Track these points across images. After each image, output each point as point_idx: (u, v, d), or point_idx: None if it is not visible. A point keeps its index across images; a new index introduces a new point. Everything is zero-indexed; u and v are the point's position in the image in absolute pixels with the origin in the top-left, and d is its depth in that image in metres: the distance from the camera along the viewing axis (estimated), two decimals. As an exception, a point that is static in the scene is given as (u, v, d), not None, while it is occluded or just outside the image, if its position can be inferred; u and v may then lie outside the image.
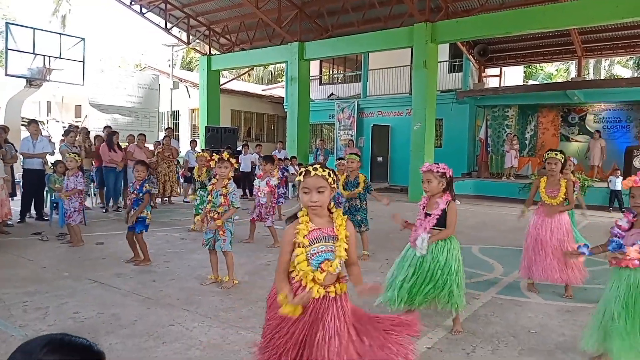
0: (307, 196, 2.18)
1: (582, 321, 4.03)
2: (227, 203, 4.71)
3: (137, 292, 4.52)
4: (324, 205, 2.20)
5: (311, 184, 2.17)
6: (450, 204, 3.62)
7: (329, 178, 2.19)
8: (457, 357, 3.27)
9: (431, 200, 3.72)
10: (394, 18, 14.46)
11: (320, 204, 2.18)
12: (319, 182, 2.17)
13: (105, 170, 9.74)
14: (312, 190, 2.17)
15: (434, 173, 3.64)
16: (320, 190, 2.17)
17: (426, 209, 3.72)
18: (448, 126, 16.93)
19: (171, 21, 18.01)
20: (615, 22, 12.29)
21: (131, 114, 16.61)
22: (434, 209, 3.64)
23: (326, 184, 2.18)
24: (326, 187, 2.18)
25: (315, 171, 2.18)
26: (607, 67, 26.50)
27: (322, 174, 2.17)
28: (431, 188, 3.65)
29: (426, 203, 3.76)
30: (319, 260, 2.18)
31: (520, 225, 9.01)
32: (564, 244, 4.71)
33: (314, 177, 2.17)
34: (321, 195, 2.17)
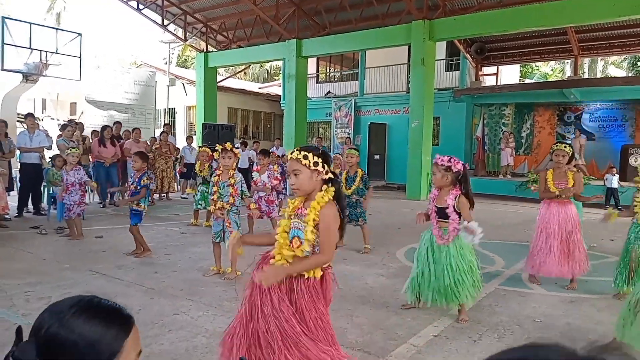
0: (290, 179, 2.23)
1: (585, 311, 4.05)
2: (235, 193, 4.70)
3: (139, 282, 4.50)
4: (303, 187, 2.20)
5: (289, 167, 2.23)
6: (460, 199, 3.61)
7: (305, 161, 2.17)
8: (463, 345, 3.27)
9: (441, 192, 3.72)
10: (391, 16, 14.48)
11: (297, 186, 2.20)
12: (293, 165, 2.20)
13: (96, 165, 9.71)
14: (291, 174, 2.20)
15: (438, 166, 3.66)
16: (296, 172, 2.19)
17: (435, 202, 3.73)
18: (445, 124, 16.96)
19: (168, 18, 17.94)
20: (612, 20, 12.35)
21: (127, 111, 16.51)
22: (443, 203, 3.65)
23: (300, 166, 2.17)
24: (301, 170, 2.17)
25: (291, 154, 2.21)
26: (601, 67, 26.64)
27: (297, 157, 2.18)
28: (435, 180, 3.69)
29: (436, 195, 3.77)
30: (293, 234, 2.22)
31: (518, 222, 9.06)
32: (572, 235, 4.73)
33: (290, 161, 2.22)
34: (297, 178, 2.18)
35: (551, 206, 4.84)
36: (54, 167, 8.01)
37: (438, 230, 3.70)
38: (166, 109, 21.88)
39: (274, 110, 23.20)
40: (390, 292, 4.41)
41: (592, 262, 5.87)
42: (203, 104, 18.38)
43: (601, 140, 15.90)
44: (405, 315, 3.81)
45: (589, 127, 16.21)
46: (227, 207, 4.71)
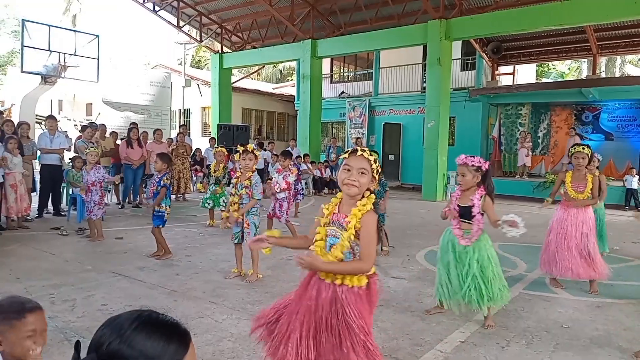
0: (346, 174, 2.12)
1: (613, 316, 3.98)
2: (250, 195, 4.70)
3: (162, 285, 4.51)
4: (361, 189, 2.12)
5: (354, 163, 2.12)
6: (486, 199, 3.57)
7: (374, 164, 2.14)
8: (492, 351, 3.23)
9: (465, 193, 3.67)
10: (407, 15, 14.41)
11: (357, 184, 2.10)
12: (362, 163, 2.12)
13: (124, 167, 9.78)
14: (353, 169, 2.11)
15: (468, 166, 3.60)
16: (362, 171, 2.11)
17: (458, 201, 3.69)
18: (461, 124, 16.81)
19: (183, 19, 18.06)
20: (632, 18, 12.15)
21: (144, 112, 16.65)
22: (468, 202, 3.60)
23: (369, 168, 2.12)
24: (368, 171, 2.12)
25: (362, 152, 2.15)
26: (619, 65, 26.24)
27: (368, 157, 2.13)
28: (465, 182, 3.62)
29: (459, 195, 3.72)
30: (331, 242, 2.17)
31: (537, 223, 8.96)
32: (587, 238, 4.66)
33: (359, 157, 2.13)
34: (361, 177, 2.11)
35: (569, 208, 4.77)
36: (74, 169, 8.10)
37: (459, 230, 3.66)
38: (181, 110, 22.01)
39: (288, 110, 23.23)
40: (413, 296, 4.38)
41: (615, 265, 5.79)
42: (218, 104, 18.49)
43: (620, 140, 15.65)
44: (430, 320, 3.77)
45: (607, 127, 15.97)
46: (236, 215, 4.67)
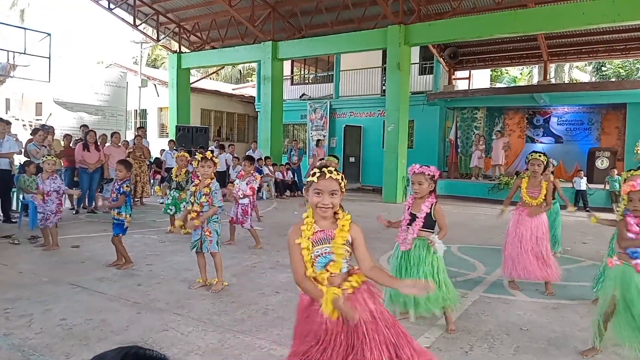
0: (318, 198, 2.13)
1: (568, 317, 4.17)
2: (210, 202, 4.64)
3: (123, 296, 4.39)
4: (335, 208, 2.17)
5: (325, 186, 2.13)
6: (436, 206, 3.71)
7: (342, 182, 2.17)
8: (456, 356, 3.32)
9: (417, 200, 3.77)
10: (367, 19, 14.59)
11: (331, 206, 2.14)
12: (333, 185, 2.13)
13: (80, 171, 9.45)
14: (325, 193, 2.13)
15: (425, 175, 3.69)
16: (334, 193, 2.14)
17: (411, 209, 3.77)
18: (419, 127, 17.17)
19: (140, 18, 17.61)
20: (580, 28, 12.76)
21: (98, 113, 16.14)
22: (419, 210, 3.70)
23: (339, 188, 2.16)
24: (338, 191, 2.16)
25: (330, 174, 2.14)
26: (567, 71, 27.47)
27: (337, 178, 2.15)
28: (422, 190, 3.71)
29: (411, 203, 3.81)
30: (324, 261, 2.15)
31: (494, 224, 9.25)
32: (542, 242, 4.86)
33: (328, 180, 2.14)
34: (333, 198, 2.14)
35: (524, 212, 4.96)
36: (25, 174, 7.76)
37: (402, 237, 3.76)
38: (137, 111, 21.44)
39: (248, 111, 23.04)
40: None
41: (567, 266, 6.07)
42: (176, 105, 18.13)
43: (568, 143, 16.42)
44: (396, 326, 3.83)
45: (556, 130, 16.71)
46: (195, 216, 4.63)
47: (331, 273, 2.14)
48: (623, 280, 3.13)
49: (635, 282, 3.08)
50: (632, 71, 25.79)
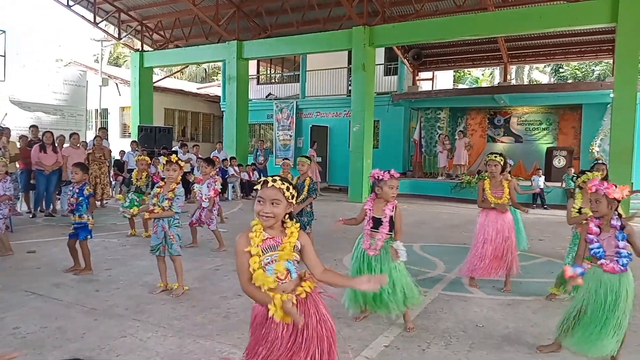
0: (260, 206, 2.13)
1: (522, 313, 4.32)
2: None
3: (80, 303, 4.29)
4: (277, 218, 2.15)
5: (266, 194, 2.12)
6: (397, 210, 3.81)
7: (287, 192, 2.13)
8: (414, 354, 3.40)
9: (378, 204, 3.83)
10: (332, 20, 14.66)
11: (272, 215, 2.12)
12: (274, 194, 2.12)
13: (36, 173, 9.16)
14: (266, 201, 2.11)
15: (395, 180, 3.80)
16: (275, 202, 2.12)
17: (373, 213, 3.83)
18: (384, 127, 17.39)
19: (100, 15, 17.17)
20: (538, 31, 13.21)
21: (56, 112, 15.64)
22: (383, 214, 3.76)
23: (282, 197, 2.13)
24: (281, 201, 2.13)
25: (273, 182, 2.13)
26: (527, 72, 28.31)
27: (280, 187, 2.12)
28: (394, 194, 3.79)
29: (372, 207, 3.86)
30: (274, 268, 2.14)
31: (455, 223, 9.46)
32: (507, 241, 5.01)
33: (270, 188, 2.12)
34: (274, 208, 2.12)
35: (490, 214, 5.10)
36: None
37: (368, 242, 3.82)
38: (98, 110, 20.91)
39: (213, 111, 22.79)
40: (340, 302, 4.47)
41: (523, 263, 6.24)
42: (138, 105, 17.77)
43: (528, 142, 16.94)
44: (356, 326, 3.89)
45: (517, 130, 17.21)
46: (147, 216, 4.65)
47: (281, 280, 2.14)
48: (594, 281, 3.19)
49: (603, 282, 3.15)
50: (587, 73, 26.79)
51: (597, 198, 3.15)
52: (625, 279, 3.14)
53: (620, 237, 3.13)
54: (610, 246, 3.15)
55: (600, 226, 3.21)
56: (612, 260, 3.13)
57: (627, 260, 3.12)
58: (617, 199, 3.12)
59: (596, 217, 3.22)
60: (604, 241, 3.18)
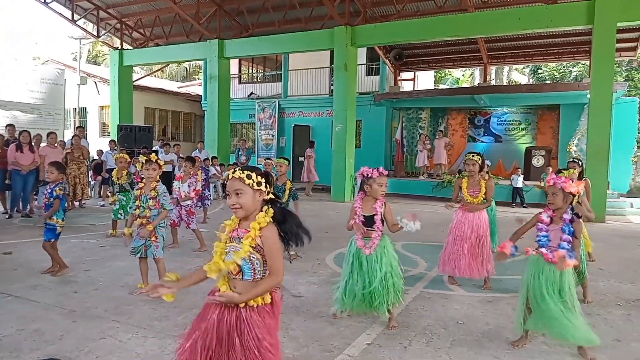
0: (229, 199, 2.18)
1: (502, 310, 4.38)
2: (157, 206, 4.54)
3: (59, 304, 4.21)
4: (246, 208, 2.14)
5: (230, 187, 2.17)
6: (387, 206, 3.82)
7: (248, 180, 2.13)
8: (395, 352, 3.42)
9: (366, 203, 3.85)
10: (314, 20, 14.66)
11: (238, 206, 2.13)
12: (236, 184, 2.14)
13: (13, 173, 8.97)
14: (232, 193, 2.16)
15: (383, 177, 3.84)
16: (238, 192, 2.13)
17: (363, 211, 3.85)
18: (366, 127, 17.47)
19: (78, 12, 16.89)
20: (516, 32, 13.42)
21: (33, 111, 15.32)
22: (372, 211, 3.78)
23: (244, 186, 2.13)
24: (244, 190, 2.13)
25: (233, 173, 2.17)
26: (507, 73, 28.70)
27: (240, 176, 2.13)
28: (383, 192, 3.82)
29: (361, 205, 3.88)
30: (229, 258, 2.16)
31: (437, 222, 9.55)
32: (482, 240, 5.07)
33: (232, 180, 2.16)
34: (239, 197, 2.13)
35: (466, 212, 5.17)
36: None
37: (362, 241, 3.83)
38: (77, 109, 20.57)
39: (195, 110, 22.61)
40: (323, 301, 4.48)
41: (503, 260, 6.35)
42: (118, 103, 17.52)
43: (507, 142, 17.18)
44: (339, 324, 3.90)
45: (496, 130, 17.44)
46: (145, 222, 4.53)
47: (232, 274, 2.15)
48: (536, 269, 3.38)
49: (544, 269, 3.33)
50: (565, 74, 27.27)
51: (554, 191, 3.31)
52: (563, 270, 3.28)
53: (567, 230, 3.28)
54: (557, 237, 3.31)
55: (553, 217, 3.37)
56: (553, 251, 3.29)
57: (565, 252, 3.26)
58: (572, 193, 3.27)
59: (551, 209, 3.35)
60: (552, 232, 3.34)
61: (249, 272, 2.14)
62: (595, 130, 10.70)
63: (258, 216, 2.15)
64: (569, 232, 3.26)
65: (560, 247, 3.26)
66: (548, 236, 3.34)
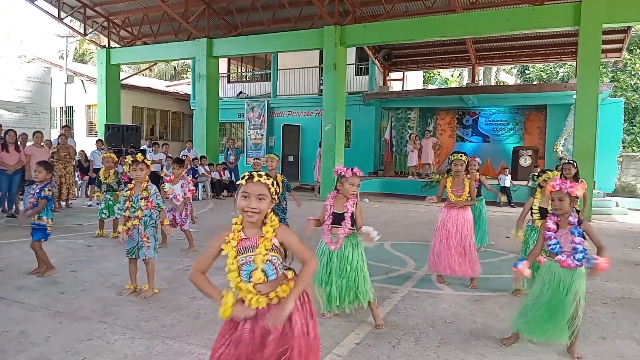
0: (245, 201, 2.08)
1: (489, 309, 4.42)
2: (150, 206, 4.50)
3: (45, 305, 4.17)
4: (262, 214, 2.11)
5: (252, 189, 2.08)
6: (358, 205, 3.89)
7: (272, 188, 2.11)
8: (384, 351, 3.43)
9: (340, 200, 3.87)
10: (304, 19, 14.66)
11: (258, 211, 2.08)
12: (260, 189, 2.09)
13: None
14: (252, 196, 2.07)
15: (357, 177, 3.86)
16: (261, 197, 2.08)
17: (334, 209, 3.87)
18: (356, 127, 17.50)
19: (65, 10, 16.70)
20: (504, 33, 13.52)
21: (19, 110, 15.12)
22: (342, 209, 3.83)
23: (267, 193, 2.10)
24: (267, 196, 2.10)
25: (259, 177, 2.10)
26: (495, 73, 28.90)
27: (266, 182, 2.10)
28: (355, 191, 3.84)
29: (332, 203, 3.91)
30: (250, 269, 2.11)
31: (425, 221, 9.60)
32: (467, 239, 5.12)
33: (256, 183, 2.09)
34: (260, 203, 2.08)
35: (451, 211, 5.22)
36: None
37: (329, 236, 3.88)
38: (63, 108, 20.34)
39: (183, 109, 22.47)
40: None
41: (491, 259, 6.42)
42: (105, 102, 17.37)
43: (495, 142, 17.32)
44: (328, 324, 3.91)
45: (484, 130, 17.57)
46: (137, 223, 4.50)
47: (255, 283, 2.11)
48: (550, 275, 3.32)
49: (558, 276, 3.28)
50: (552, 74, 27.52)
51: (561, 197, 3.24)
52: (578, 274, 3.25)
53: (577, 232, 3.24)
54: (567, 242, 3.26)
55: (558, 223, 3.32)
56: (569, 256, 3.25)
57: (582, 255, 3.22)
58: (578, 196, 3.23)
59: (558, 214, 3.32)
60: (561, 237, 3.30)
61: (272, 272, 2.13)
62: (581, 130, 10.82)
63: (269, 220, 2.15)
64: (578, 235, 3.23)
65: (576, 250, 3.21)
66: (559, 242, 3.28)
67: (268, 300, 2.12)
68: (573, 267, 3.23)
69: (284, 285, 2.16)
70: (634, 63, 20.64)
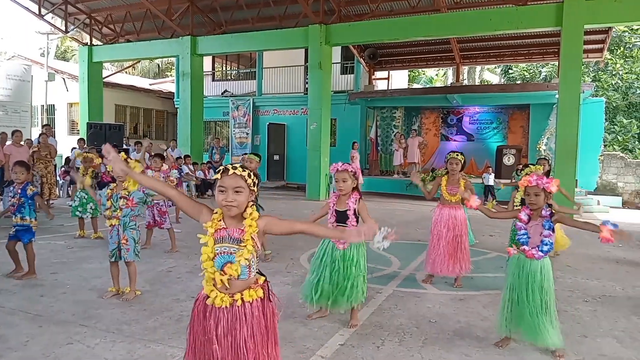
0: (222, 195, 2.05)
1: (473, 308, 4.44)
2: (131, 205, 4.43)
3: (24, 309, 4.08)
4: (241, 207, 2.08)
5: (228, 183, 2.05)
6: (360, 202, 3.83)
7: (249, 179, 2.09)
8: (368, 352, 3.42)
9: (342, 198, 3.85)
10: (289, 18, 14.61)
11: (236, 204, 2.05)
12: (237, 181, 2.06)
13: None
14: (229, 190, 2.04)
15: (348, 172, 3.80)
16: (238, 190, 2.05)
17: (336, 207, 3.86)
18: (341, 126, 17.51)
19: (46, 7, 16.41)
20: (488, 33, 13.61)
21: (-1, 108, 14.83)
22: (345, 206, 3.79)
23: (244, 185, 2.07)
24: (244, 188, 2.07)
25: (234, 170, 2.07)
26: (479, 72, 29.13)
27: (242, 174, 2.07)
28: (346, 187, 3.81)
29: (335, 201, 3.89)
30: (222, 261, 2.06)
31: (411, 220, 9.62)
32: (458, 239, 5.14)
33: (232, 176, 2.06)
34: (238, 195, 2.05)
35: (443, 210, 5.23)
36: None
37: None
38: (44, 106, 20.00)
39: (167, 107, 22.27)
40: (296, 301, 4.45)
41: (474, 258, 6.41)
42: (87, 101, 17.12)
43: (479, 141, 17.47)
44: (312, 325, 3.89)
45: (468, 129, 17.71)
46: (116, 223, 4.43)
47: (229, 275, 2.06)
48: (517, 267, 3.42)
49: (525, 267, 3.38)
50: (535, 74, 27.83)
51: (537, 192, 3.34)
52: (544, 265, 3.37)
53: (547, 225, 3.35)
54: (537, 234, 3.37)
55: (531, 215, 3.43)
56: (534, 247, 3.36)
57: (547, 248, 3.35)
58: (552, 192, 3.34)
59: (533, 209, 3.40)
60: (531, 228, 3.40)
61: (245, 273, 2.08)
62: (563, 129, 10.96)
63: (247, 214, 2.11)
64: (548, 227, 3.33)
65: (542, 242, 3.32)
66: (527, 233, 3.39)
67: (232, 300, 2.08)
68: (537, 257, 3.34)
69: (252, 290, 2.11)
70: (615, 63, 20.96)
